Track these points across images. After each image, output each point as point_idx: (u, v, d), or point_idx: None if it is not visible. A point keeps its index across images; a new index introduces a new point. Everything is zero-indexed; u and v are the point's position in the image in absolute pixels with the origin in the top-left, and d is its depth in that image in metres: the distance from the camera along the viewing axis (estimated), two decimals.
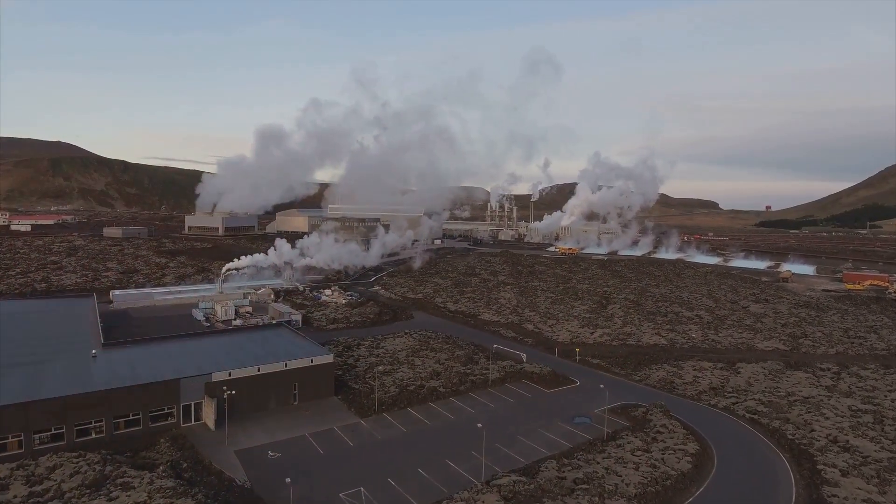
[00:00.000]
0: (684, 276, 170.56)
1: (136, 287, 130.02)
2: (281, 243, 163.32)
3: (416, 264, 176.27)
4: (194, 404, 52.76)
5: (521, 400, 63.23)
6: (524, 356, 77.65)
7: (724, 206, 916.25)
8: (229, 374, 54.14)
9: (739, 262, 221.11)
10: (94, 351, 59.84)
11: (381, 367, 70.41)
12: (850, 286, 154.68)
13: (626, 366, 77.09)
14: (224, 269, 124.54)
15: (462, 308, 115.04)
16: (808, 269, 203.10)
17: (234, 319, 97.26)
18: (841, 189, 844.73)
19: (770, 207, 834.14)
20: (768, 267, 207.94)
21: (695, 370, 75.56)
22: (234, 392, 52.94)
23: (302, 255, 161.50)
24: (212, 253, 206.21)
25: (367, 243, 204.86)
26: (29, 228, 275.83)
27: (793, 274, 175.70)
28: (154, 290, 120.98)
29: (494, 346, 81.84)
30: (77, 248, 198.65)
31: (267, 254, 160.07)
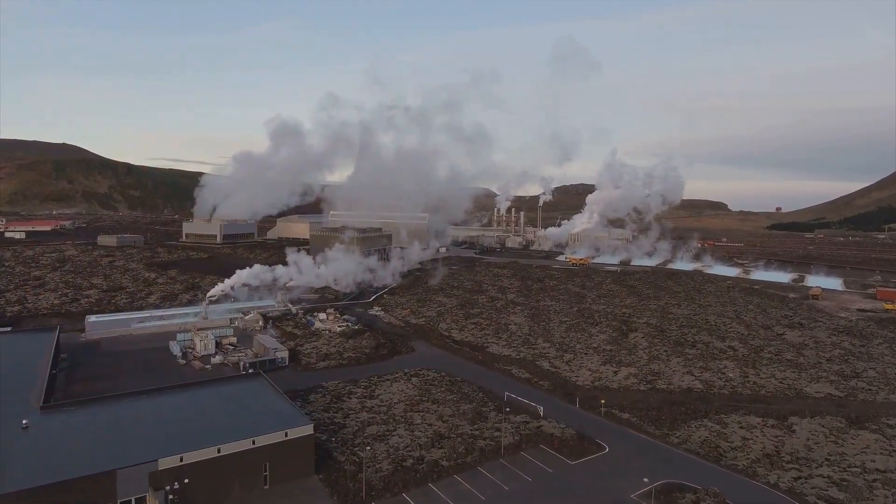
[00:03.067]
0: (706, 293, 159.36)
1: (117, 310, 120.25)
2: (300, 257, 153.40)
3: (436, 280, 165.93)
4: (136, 500, 42.50)
5: (541, 477, 52.51)
6: (541, 409, 66.99)
7: (732, 206, 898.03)
8: (181, 459, 43.81)
9: (760, 274, 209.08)
10: (25, 421, 49.68)
11: (373, 428, 60.04)
12: (888, 306, 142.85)
13: (661, 421, 66.22)
14: (208, 295, 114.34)
15: (468, 337, 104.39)
16: (835, 283, 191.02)
17: (214, 355, 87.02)
18: (852, 190, 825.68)
19: (780, 209, 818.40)
20: (793, 280, 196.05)
21: (741, 428, 64.61)
22: (186, 480, 42.75)
23: (319, 267, 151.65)
24: (207, 264, 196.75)
25: (386, 256, 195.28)
26: (23, 236, 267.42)
27: (822, 290, 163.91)
28: (132, 316, 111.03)
29: (507, 394, 71.20)
30: (66, 259, 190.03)
31: (287, 264, 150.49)
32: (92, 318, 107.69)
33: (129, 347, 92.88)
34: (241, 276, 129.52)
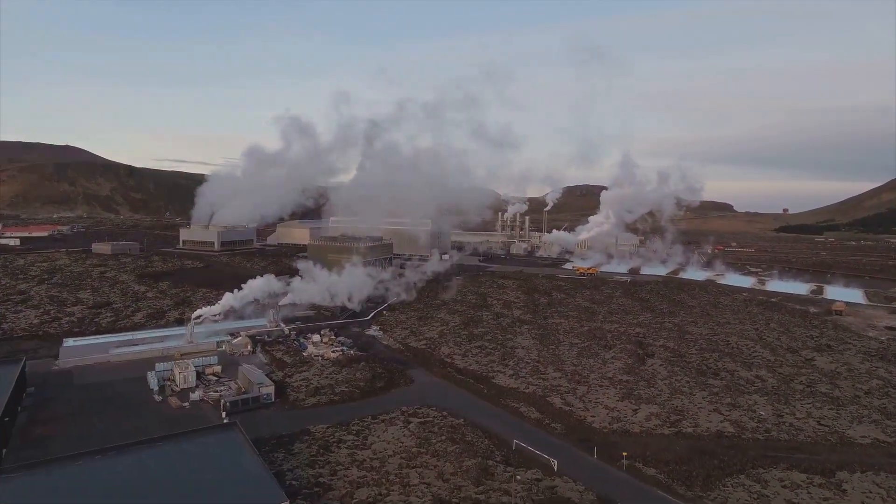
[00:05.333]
0: (722, 308, 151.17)
1: (98, 331, 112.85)
2: (316, 271, 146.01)
3: (449, 294, 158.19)
4: None
5: None
6: (555, 463, 59.19)
7: (738, 207, 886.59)
8: None
9: (776, 285, 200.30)
10: None
11: (363, 491, 52.40)
12: None
13: (692, 479, 58.21)
14: (194, 315, 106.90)
15: (472, 364, 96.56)
16: (855, 295, 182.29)
17: (195, 389, 79.54)
18: (859, 191, 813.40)
19: (787, 210, 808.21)
20: (811, 291, 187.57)
21: (785, 487, 56.64)
22: None
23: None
24: (201, 275, 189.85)
25: (388, 265, 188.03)
26: (18, 242, 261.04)
27: (846, 305, 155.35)
28: (111, 340, 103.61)
29: (515, 442, 63.50)
30: (57, 269, 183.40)
31: (301, 276, 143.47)
32: (69, 343, 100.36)
33: (104, 379, 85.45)
34: (254, 287, 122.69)
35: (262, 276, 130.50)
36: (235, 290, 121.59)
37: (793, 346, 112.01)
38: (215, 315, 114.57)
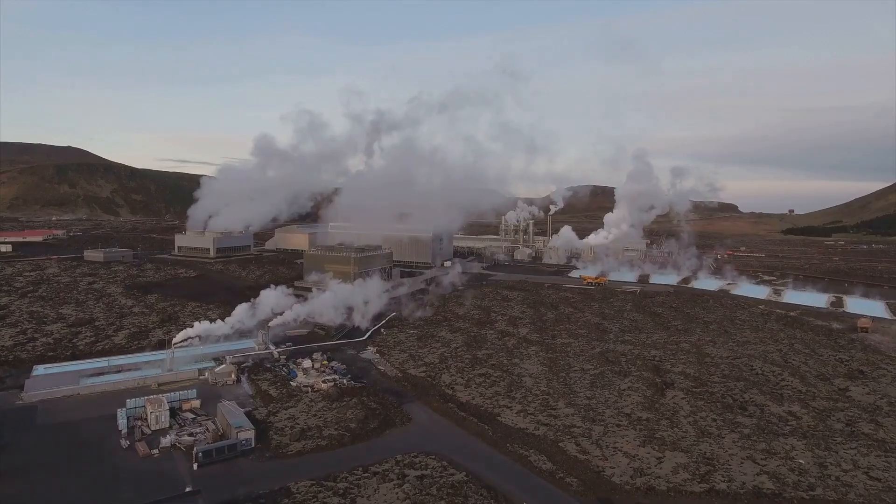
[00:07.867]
0: (740, 324, 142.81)
1: (73, 355, 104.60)
2: (334, 284, 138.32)
3: (462, 308, 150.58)
4: None
5: None
6: None
7: (743, 208, 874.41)
8: None
9: (793, 296, 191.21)
10: None
11: None
12: None
13: None
14: (175, 339, 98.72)
15: (476, 397, 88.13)
16: (877, 307, 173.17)
17: (168, 433, 71.41)
18: (866, 191, 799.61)
19: (793, 211, 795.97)
20: (831, 303, 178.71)
21: None
22: None
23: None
24: (194, 285, 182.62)
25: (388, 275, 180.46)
26: (10, 248, 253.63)
27: (872, 321, 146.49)
28: (86, 367, 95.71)
29: None
30: (44, 279, 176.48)
31: (317, 286, 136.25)
32: (38, 371, 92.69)
33: (71, 417, 77.32)
34: (269, 298, 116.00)
35: (274, 287, 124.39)
36: (251, 302, 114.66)
37: (823, 373, 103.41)
38: (220, 334, 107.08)
